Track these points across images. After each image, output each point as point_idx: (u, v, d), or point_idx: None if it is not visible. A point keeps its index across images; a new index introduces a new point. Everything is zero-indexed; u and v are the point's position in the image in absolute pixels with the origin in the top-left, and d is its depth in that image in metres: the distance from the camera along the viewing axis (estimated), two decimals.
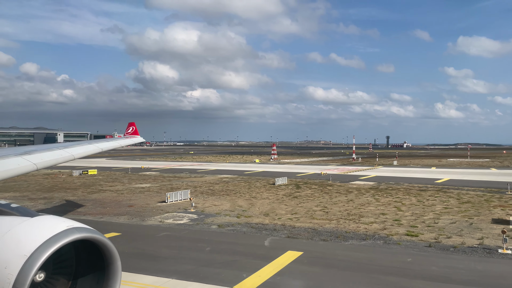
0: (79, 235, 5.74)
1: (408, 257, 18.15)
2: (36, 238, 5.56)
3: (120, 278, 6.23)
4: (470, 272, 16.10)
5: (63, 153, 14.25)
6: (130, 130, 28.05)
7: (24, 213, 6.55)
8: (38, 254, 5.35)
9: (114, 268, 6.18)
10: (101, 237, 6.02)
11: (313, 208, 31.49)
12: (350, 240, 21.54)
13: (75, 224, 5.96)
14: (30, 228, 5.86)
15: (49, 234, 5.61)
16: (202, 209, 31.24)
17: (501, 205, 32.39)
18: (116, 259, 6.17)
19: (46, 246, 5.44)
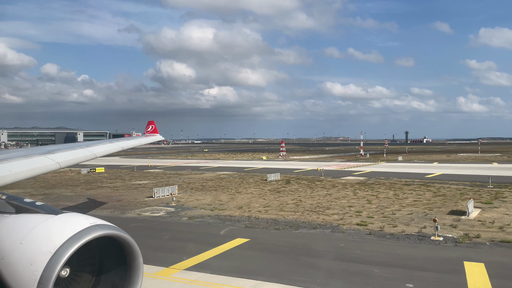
0: (101, 232, 5.90)
1: (341, 243, 20.17)
2: (61, 235, 5.74)
3: (142, 273, 6.40)
4: (387, 254, 18.04)
5: (85, 152, 14.63)
6: (150, 129, 28.55)
7: (48, 210, 6.70)
8: (62, 251, 5.53)
9: (136, 264, 6.35)
10: (123, 234, 6.17)
11: (288, 202, 33.57)
12: (301, 229, 23.62)
13: (98, 221, 6.16)
14: (55, 225, 6.08)
15: (73, 231, 5.79)
16: (183, 203, 33.74)
17: (473, 198, 33.72)
18: (138, 255, 6.34)
19: (70, 243, 5.62)
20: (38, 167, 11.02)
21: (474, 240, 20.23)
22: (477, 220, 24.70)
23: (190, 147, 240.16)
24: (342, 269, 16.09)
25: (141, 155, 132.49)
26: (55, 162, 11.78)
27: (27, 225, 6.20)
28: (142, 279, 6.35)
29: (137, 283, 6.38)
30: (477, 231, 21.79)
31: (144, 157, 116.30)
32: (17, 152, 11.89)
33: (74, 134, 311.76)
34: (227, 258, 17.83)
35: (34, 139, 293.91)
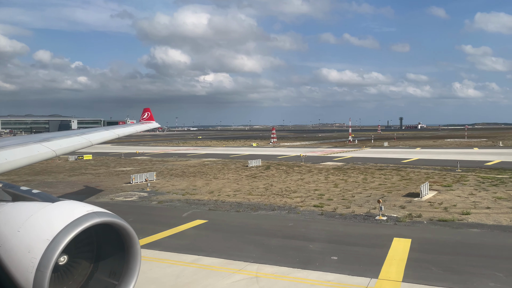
0: (99, 219, 5.95)
1: (290, 223, 21.85)
2: (58, 223, 5.78)
3: (140, 260, 6.50)
4: (328, 232, 19.73)
5: (81, 140, 14.60)
6: (146, 116, 28.55)
7: (45, 198, 6.75)
8: (60, 238, 5.59)
9: (134, 250, 6.41)
10: (120, 221, 6.22)
11: (259, 186, 35.20)
12: (260, 211, 25.28)
13: (95, 208, 6.20)
14: (52, 213, 6.11)
15: (70, 219, 5.82)
16: (158, 188, 35.36)
17: (436, 181, 35.44)
18: (135, 242, 6.39)
19: (67, 230, 5.66)
20: (34, 155, 11.02)
21: (414, 219, 21.93)
22: (427, 202, 26.38)
23: (184, 134, 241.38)
24: (280, 245, 17.76)
25: (134, 142, 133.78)
26: (51, 150, 11.78)
27: (24, 212, 6.25)
28: (140, 265, 6.45)
29: (135, 269, 6.47)
30: (421, 211, 23.48)
31: (136, 145, 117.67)
32: (13, 140, 11.97)
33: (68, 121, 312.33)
34: (180, 238, 19.49)
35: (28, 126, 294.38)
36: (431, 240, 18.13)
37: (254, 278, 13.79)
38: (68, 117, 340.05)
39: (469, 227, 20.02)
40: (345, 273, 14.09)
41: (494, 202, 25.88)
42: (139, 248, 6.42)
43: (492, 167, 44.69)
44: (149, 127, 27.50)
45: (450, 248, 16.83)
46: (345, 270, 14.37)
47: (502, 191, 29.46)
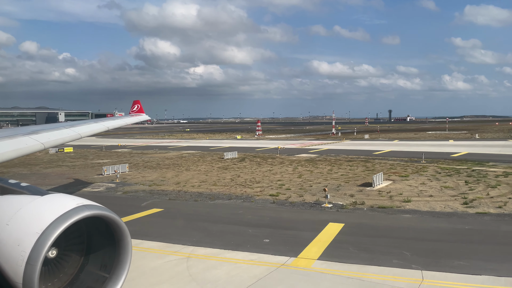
0: (89, 213, 5.96)
1: (240, 211, 23.36)
2: (47, 216, 5.76)
3: (131, 253, 6.53)
4: (272, 218, 21.28)
5: (69, 132, 14.54)
6: (135, 108, 28.41)
7: (34, 191, 6.72)
8: (50, 231, 5.58)
9: (124, 243, 6.45)
10: (110, 214, 6.23)
11: (226, 177, 36.66)
12: (218, 200, 26.76)
13: (85, 201, 6.23)
14: (41, 206, 6.08)
15: (59, 212, 5.81)
16: (128, 180, 36.66)
17: (396, 172, 37.15)
18: (126, 235, 6.42)
19: (57, 224, 5.66)
20: (22, 148, 10.94)
21: (357, 206, 23.54)
22: (377, 191, 28.02)
23: (173, 127, 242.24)
24: (222, 230, 19.26)
25: (120, 135, 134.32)
26: (39, 143, 11.73)
27: (13, 206, 6.21)
28: (131, 257, 6.49)
29: (126, 261, 6.49)
30: (367, 199, 25.11)
31: (121, 137, 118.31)
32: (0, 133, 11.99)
33: (55, 114, 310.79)
34: (131, 225, 20.86)
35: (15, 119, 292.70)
36: (361, 224, 19.74)
37: (185, 259, 15.26)
38: (55, 110, 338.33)
39: (403, 213, 21.67)
40: (269, 253, 15.62)
41: (439, 191, 27.59)
42: (130, 241, 6.47)
43: (456, 159, 46.56)
44: (139, 119, 27.47)
45: (375, 231, 18.46)
46: (271, 250, 15.90)
47: (452, 181, 31.21)
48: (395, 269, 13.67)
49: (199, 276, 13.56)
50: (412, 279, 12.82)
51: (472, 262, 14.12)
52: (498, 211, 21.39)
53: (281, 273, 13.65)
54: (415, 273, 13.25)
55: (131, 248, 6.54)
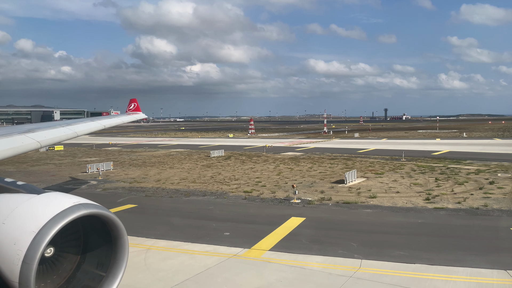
0: (85, 211, 5.99)
1: (211, 206, 24.33)
2: (44, 215, 5.77)
3: (128, 251, 6.54)
4: (238, 214, 22.28)
5: (66, 131, 14.50)
6: (132, 107, 28.45)
7: (30, 190, 6.72)
8: (46, 230, 5.57)
9: (121, 242, 6.47)
10: (107, 213, 6.27)
11: (206, 175, 37.59)
12: (192, 196, 27.70)
13: (81, 200, 6.26)
14: (37, 205, 6.12)
15: (56, 211, 5.82)
16: (111, 177, 37.58)
17: (374, 169, 38.16)
18: (123, 233, 6.45)
19: (54, 222, 5.66)
20: (18, 146, 10.98)
21: (323, 202, 24.53)
22: (348, 187, 29.02)
23: (168, 126, 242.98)
24: (188, 224, 20.23)
25: (114, 133, 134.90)
26: (35, 141, 11.72)
27: (9, 204, 6.22)
28: (128, 256, 6.51)
29: (123, 260, 6.51)
30: (335, 195, 26.10)
31: (115, 135, 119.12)
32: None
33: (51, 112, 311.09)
34: None
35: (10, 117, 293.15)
36: (321, 218, 20.75)
37: (144, 251, 16.21)
38: (51, 108, 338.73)
39: (364, 208, 22.68)
40: (226, 245, 16.59)
41: (408, 187, 28.61)
42: (127, 239, 6.51)
43: (436, 157, 47.64)
44: (136, 118, 27.57)
45: (331, 225, 19.48)
46: (228, 242, 16.87)
47: (424, 178, 32.25)
48: (337, 259, 14.67)
49: (153, 265, 14.53)
50: (350, 267, 13.81)
51: (412, 252, 15.13)
52: (456, 206, 22.42)
53: (230, 263, 14.63)
54: (355, 262, 14.24)
55: (128, 247, 6.54)
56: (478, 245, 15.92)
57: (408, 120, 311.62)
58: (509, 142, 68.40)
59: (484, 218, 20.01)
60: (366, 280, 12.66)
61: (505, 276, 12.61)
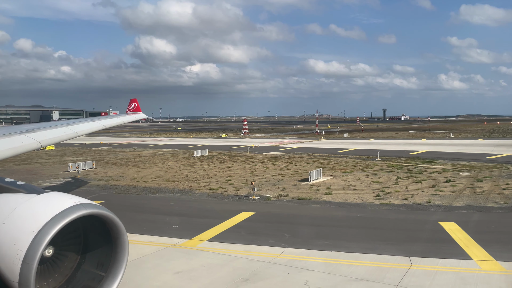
0: (85, 211, 6.07)
1: (172, 202, 25.82)
2: (44, 215, 5.82)
3: (128, 251, 6.64)
4: (196, 209, 23.78)
5: (66, 131, 14.63)
6: (132, 107, 28.69)
7: (30, 190, 6.78)
8: (46, 230, 5.62)
9: (121, 242, 6.57)
10: (107, 213, 6.38)
11: (183, 173, 39.08)
12: (159, 193, 29.18)
13: (81, 200, 6.33)
14: (38, 205, 6.17)
15: (56, 211, 5.88)
16: (90, 175, 39.12)
17: (345, 168, 39.57)
18: (123, 233, 6.55)
19: (54, 222, 5.72)
20: (18, 146, 11.07)
21: (280, 198, 25.96)
22: (310, 185, 30.45)
23: (166, 126, 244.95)
24: (143, 219, 21.67)
25: (109, 133, 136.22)
26: (36, 141, 11.82)
27: (9, 204, 6.27)
28: (128, 256, 6.62)
29: (123, 260, 6.60)
30: (293, 192, 27.53)
31: (110, 135, 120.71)
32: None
33: (49, 112, 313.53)
34: None
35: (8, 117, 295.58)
36: (270, 213, 22.20)
37: None
38: (50, 108, 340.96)
39: (315, 204, 24.11)
40: (169, 236, 18.03)
41: (367, 185, 30.02)
42: (127, 239, 6.63)
43: (411, 156, 49.03)
44: (136, 118, 27.94)
45: (276, 218, 20.94)
46: (172, 234, 18.32)
47: (387, 176, 33.66)
48: (264, 247, 16.11)
49: None
50: (272, 254, 15.25)
51: (335, 241, 16.58)
52: (401, 202, 23.84)
53: (166, 251, 16.10)
54: (278, 250, 15.70)
55: (128, 247, 6.66)
56: (400, 236, 17.37)
57: (406, 121, 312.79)
58: (490, 143, 69.69)
59: (420, 212, 21.44)
60: (280, 265, 14.11)
61: (405, 262, 14.04)
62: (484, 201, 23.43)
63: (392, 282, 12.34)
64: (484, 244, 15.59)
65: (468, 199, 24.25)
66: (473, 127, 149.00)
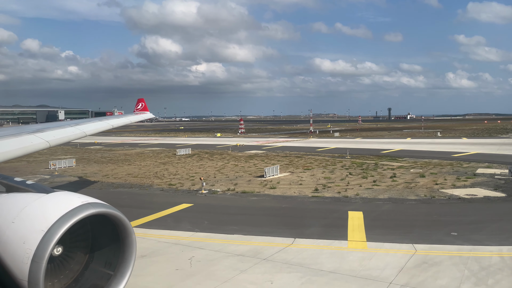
0: (93, 210, 6.22)
1: (125, 196, 28.32)
2: (53, 214, 5.97)
3: (136, 250, 6.78)
4: (143, 202, 26.25)
5: (74, 130, 14.89)
6: (140, 107, 29.18)
7: (39, 189, 6.85)
8: (55, 229, 5.78)
9: (129, 241, 6.69)
10: (115, 212, 6.51)
11: (154, 170, 41.62)
12: (120, 188, 31.72)
13: (89, 199, 6.45)
14: (46, 204, 6.27)
15: (65, 210, 6.01)
16: (66, 173, 41.83)
17: (308, 165, 41.78)
18: (130, 233, 6.68)
19: (62, 221, 5.85)
20: (28, 146, 11.31)
21: (226, 192, 28.28)
22: (263, 180, 32.72)
23: (169, 125, 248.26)
24: None
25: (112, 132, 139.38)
26: (45, 141, 12.04)
27: (19, 203, 6.36)
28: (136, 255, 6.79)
29: (130, 259, 6.72)
30: (242, 187, 29.84)
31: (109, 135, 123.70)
32: (5, 131, 12.33)
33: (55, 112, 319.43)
34: None
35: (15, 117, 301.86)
36: (207, 204, 24.59)
37: None
38: (55, 108, 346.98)
39: (254, 197, 26.40)
40: None
41: (315, 180, 32.22)
42: (135, 238, 6.78)
43: (381, 154, 51.06)
44: (144, 117, 28.47)
45: (209, 209, 23.35)
46: None
47: (340, 173, 35.81)
48: (178, 232, 18.47)
49: None
50: (181, 237, 17.63)
51: (243, 227, 18.88)
52: (332, 195, 26.07)
53: None
54: (188, 234, 18.07)
55: (135, 246, 6.81)
56: (303, 222, 19.66)
57: (412, 120, 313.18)
58: (469, 141, 71.43)
59: (340, 203, 23.65)
60: (181, 245, 16.47)
61: (288, 242, 16.35)
62: (407, 195, 25.58)
63: (262, 257, 14.66)
64: (369, 229, 17.83)
65: (395, 193, 26.39)
66: (470, 126, 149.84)
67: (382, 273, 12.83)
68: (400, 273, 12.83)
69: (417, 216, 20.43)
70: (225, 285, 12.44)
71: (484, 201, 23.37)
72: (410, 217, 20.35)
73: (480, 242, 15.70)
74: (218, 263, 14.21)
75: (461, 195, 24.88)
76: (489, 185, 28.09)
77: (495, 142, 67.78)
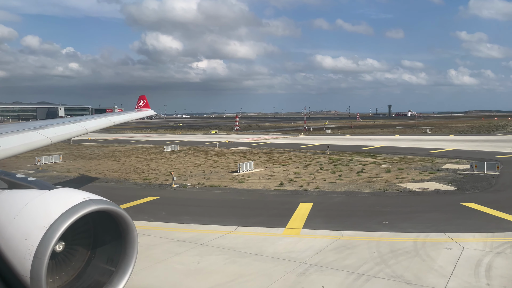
0: (95, 207, 6.29)
1: (98, 190, 29.86)
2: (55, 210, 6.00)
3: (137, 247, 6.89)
4: (112, 194, 27.69)
5: (76, 127, 14.95)
6: (141, 103, 29.25)
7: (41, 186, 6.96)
8: (57, 225, 5.79)
9: (131, 237, 6.79)
10: (117, 209, 6.63)
11: (136, 166, 43.17)
12: (97, 182, 33.32)
13: (91, 196, 6.55)
14: (48, 200, 6.30)
15: (67, 206, 6.04)
16: (51, 168, 43.45)
17: (286, 161, 43.24)
18: (132, 229, 6.81)
19: (64, 218, 5.87)
20: (29, 143, 11.31)
21: (196, 186, 29.82)
22: (235, 175, 34.20)
23: (168, 122, 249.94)
24: None
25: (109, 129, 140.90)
26: (46, 138, 12.10)
27: (21, 200, 6.44)
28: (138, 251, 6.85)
29: (132, 256, 6.81)
30: (212, 182, 31.34)
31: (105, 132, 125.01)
32: (7, 127, 12.39)
33: (56, 109, 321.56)
34: None
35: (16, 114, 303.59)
36: (172, 197, 26.15)
37: None
38: (56, 105, 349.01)
39: (218, 190, 27.92)
40: None
41: (285, 175, 33.69)
42: (136, 235, 6.84)
43: (362, 151, 52.46)
44: (145, 114, 28.79)
45: (172, 201, 24.91)
46: None
47: (312, 168, 37.29)
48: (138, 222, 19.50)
49: None
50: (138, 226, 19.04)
51: (196, 217, 20.41)
52: (294, 189, 27.56)
53: None
54: (143, 223, 19.60)
55: (137, 242, 6.89)
56: (254, 212, 21.22)
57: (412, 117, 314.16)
58: (455, 138, 72.77)
59: (297, 196, 25.13)
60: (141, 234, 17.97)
61: (231, 229, 17.85)
62: (364, 188, 27.05)
63: (200, 242, 16.17)
64: (310, 218, 19.32)
65: (354, 186, 27.85)
66: (464, 123, 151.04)
67: (300, 255, 14.31)
68: (316, 255, 14.31)
69: (361, 207, 21.91)
70: (157, 265, 13.96)
71: (432, 194, 24.82)
72: (354, 208, 21.84)
73: (404, 230, 17.17)
74: (158, 248, 15.73)
75: (414, 188, 26.33)
76: (446, 179, 29.52)
77: (478, 139, 69.14)
